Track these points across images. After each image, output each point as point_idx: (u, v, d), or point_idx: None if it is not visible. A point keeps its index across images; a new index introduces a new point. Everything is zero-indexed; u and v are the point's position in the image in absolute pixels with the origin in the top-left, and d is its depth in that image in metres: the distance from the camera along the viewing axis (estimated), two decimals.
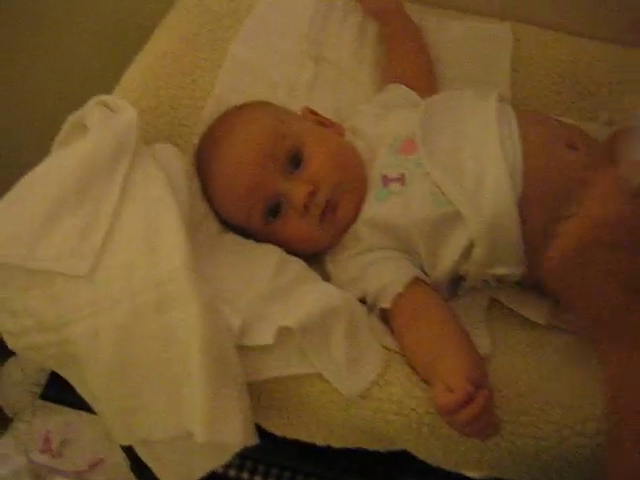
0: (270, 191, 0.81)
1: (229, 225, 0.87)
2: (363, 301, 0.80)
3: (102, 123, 0.73)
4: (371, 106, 0.95)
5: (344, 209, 0.82)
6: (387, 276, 0.78)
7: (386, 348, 0.75)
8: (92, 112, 0.75)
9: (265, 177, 0.81)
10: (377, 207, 0.82)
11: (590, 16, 1.04)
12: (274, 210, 0.82)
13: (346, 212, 0.83)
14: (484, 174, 0.79)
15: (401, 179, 0.82)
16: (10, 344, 0.73)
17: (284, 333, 0.70)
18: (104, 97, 0.77)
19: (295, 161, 0.82)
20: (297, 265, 0.80)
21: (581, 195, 0.70)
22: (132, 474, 0.98)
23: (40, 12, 1.26)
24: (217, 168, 0.84)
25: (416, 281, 0.78)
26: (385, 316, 0.79)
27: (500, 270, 0.79)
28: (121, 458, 0.95)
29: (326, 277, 0.84)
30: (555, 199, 0.76)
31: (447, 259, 0.79)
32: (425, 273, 0.80)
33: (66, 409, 1.33)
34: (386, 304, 0.77)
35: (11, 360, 1.41)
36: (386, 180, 0.82)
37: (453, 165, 0.81)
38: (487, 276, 0.80)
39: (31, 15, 1.27)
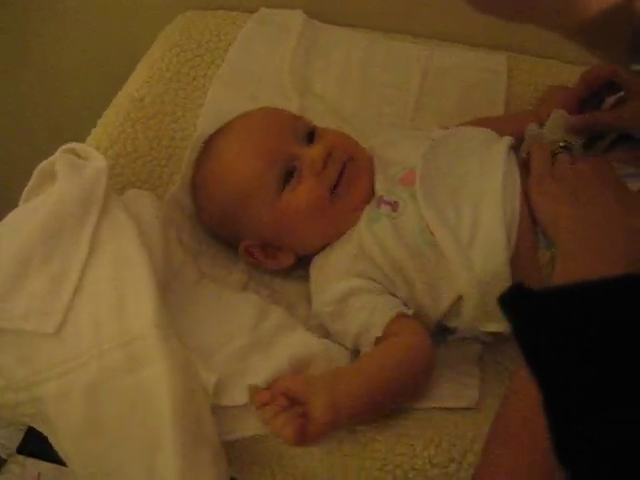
0: (288, 154, 0.81)
1: (220, 222, 0.85)
2: None
3: (69, 174, 0.70)
4: (383, 135, 0.92)
5: (355, 186, 0.81)
6: (366, 316, 0.75)
7: None
8: (60, 161, 0.72)
9: (284, 143, 0.82)
10: (368, 228, 0.78)
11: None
12: (289, 174, 0.80)
13: (356, 190, 0.81)
14: (480, 225, 0.75)
15: (394, 205, 0.79)
16: None
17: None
18: (72, 145, 0.74)
19: (310, 137, 0.83)
20: (277, 314, 0.76)
21: None
22: None
23: (25, 50, 1.25)
24: (231, 138, 0.84)
25: (397, 317, 0.75)
26: None
27: (491, 327, 0.76)
28: None
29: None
30: None
31: (435, 311, 0.77)
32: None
33: None
34: (366, 348, 0.75)
35: None
36: (380, 201, 0.80)
37: (449, 207, 0.77)
38: (477, 332, 0.77)
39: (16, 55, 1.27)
